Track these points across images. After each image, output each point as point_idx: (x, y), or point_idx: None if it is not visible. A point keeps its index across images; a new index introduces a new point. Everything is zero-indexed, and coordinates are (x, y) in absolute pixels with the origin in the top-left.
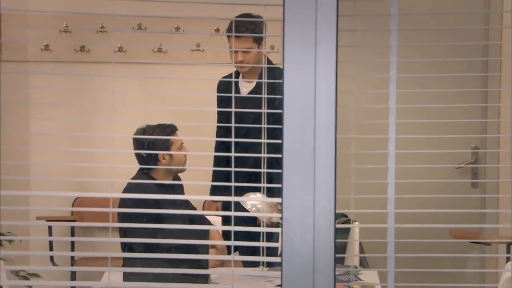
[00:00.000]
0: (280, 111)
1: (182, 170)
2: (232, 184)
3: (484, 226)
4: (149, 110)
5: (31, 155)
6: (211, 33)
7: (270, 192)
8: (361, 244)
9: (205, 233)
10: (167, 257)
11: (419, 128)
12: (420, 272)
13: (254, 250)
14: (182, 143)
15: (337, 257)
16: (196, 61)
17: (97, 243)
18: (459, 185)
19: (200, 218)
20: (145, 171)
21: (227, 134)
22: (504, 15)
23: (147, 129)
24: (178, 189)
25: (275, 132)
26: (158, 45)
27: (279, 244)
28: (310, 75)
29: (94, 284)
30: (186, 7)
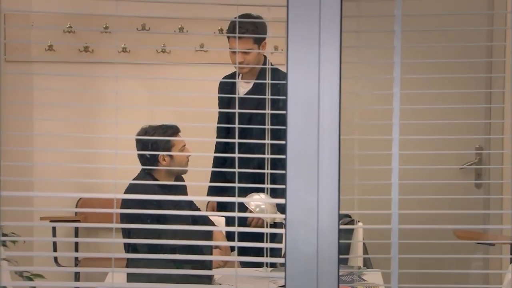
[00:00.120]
0: (279, 112)
1: (184, 172)
2: (236, 185)
3: (487, 227)
4: (153, 111)
5: (35, 155)
6: (215, 34)
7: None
8: (365, 245)
9: (209, 234)
10: (171, 258)
11: (423, 129)
12: (424, 272)
13: (257, 251)
14: (184, 145)
15: (341, 258)
16: (200, 62)
17: (101, 244)
18: (463, 186)
19: (204, 219)
20: (147, 172)
21: (224, 134)
22: (508, 16)
23: (149, 130)
24: (181, 190)
25: (273, 133)
26: (162, 46)
27: (283, 245)
28: (314, 76)
29: (98, 285)
30: (190, 8)
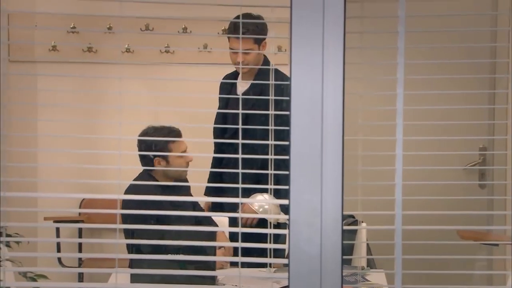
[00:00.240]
0: (278, 112)
1: (181, 176)
2: (239, 186)
3: (491, 228)
4: (156, 111)
5: (39, 156)
6: (218, 34)
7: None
8: (369, 245)
9: (213, 235)
10: (174, 259)
11: (426, 130)
12: (428, 273)
13: (260, 251)
14: (184, 151)
15: (344, 258)
16: (203, 62)
17: (105, 244)
18: (467, 186)
19: (207, 220)
20: (148, 172)
21: (221, 133)
22: None
23: (149, 131)
24: (184, 191)
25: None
26: (165, 46)
27: (286, 246)
28: (318, 77)
29: (102, 286)
30: (193, 8)
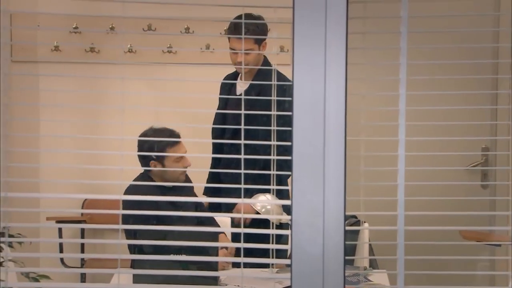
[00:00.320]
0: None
1: (178, 180)
2: (242, 186)
3: (494, 228)
4: (158, 111)
5: (41, 156)
6: (221, 34)
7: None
8: (371, 245)
9: (215, 235)
10: (176, 259)
11: (428, 130)
12: (430, 273)
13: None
14: (182, 157)
15: (347, 259)
16: (206, 62)
17: (107, 244)
18: (469, 186)
19: (209, 220)
20: (147, 173)
21: (219, 133)
22: None
23: (148, 132)
24: (187, 192)
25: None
26: (168, 46)
27: (289, 246)
28: (320, 78)
29: (104, 286)
30: (196, 8)
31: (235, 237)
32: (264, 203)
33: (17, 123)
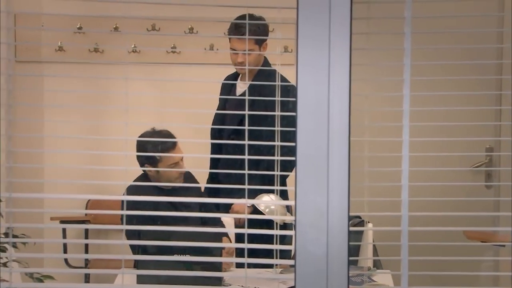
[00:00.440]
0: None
1: (178, 180)
2: (246, 187)
3: (498, 229)
4: (162, 111)
5: (45, 156)
6: (225, 34)
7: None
8: (375, 245)
9: (219, 236)
10: (179, 260)
11: (432, 130)
12: (434, 274)
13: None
14: (177, 162)
15: (351, 259)
16: (210, 62)
17: (111, 244)
18: (473, 186)
19: (215, 221)
20: (146, 174)
21: (217, 134)
22: None
23: (146, 135)
24: (190, 192)
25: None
26: (172, 46)
27: (293, 247)
28: (324, 78)
29: (108, 286)
30: (200, 9)
31: (238, 237)
32: (268, 204)
33: (21, 123)
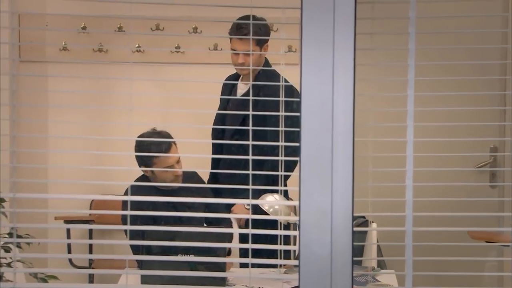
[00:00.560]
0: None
1: (171, 186)
2: (250, 187)
3: (503, 230)
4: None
5: (49, 156)
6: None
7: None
8: (379, 245)
9: (224, 236)
10: (183, 260)
11: (436, 130)
12: (438, 274)
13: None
14: (172, 165)
15: (355, 259)
16: (213, 62)
17: (115, 244)
18: (477, 186)
19: (225, 221)
20: (145, 175)
21: (219, 134)
22: None
23: (144, 135)
24: (194, 192)
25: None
26: (176, 46)
27: (297, 247)
28: (328, 78)
29: (112, 286)
30: (204, 9)
31: (241, 238)
32: (272, 203)
33: (25, 124)
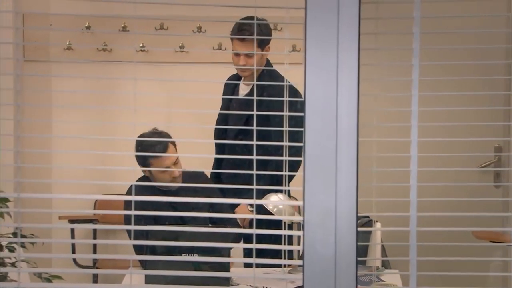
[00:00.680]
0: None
1: (169, 187)
2: (254, 187)
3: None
4: (169, 110)
5: (53, 156)
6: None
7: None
8: (383, 245)
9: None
10: (187, 260)
11: (440, 130)
12: (442, 274)
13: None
14: (169, 166)
15: (359, 259)
16: (218, 61)
17: (119, 244)
18: (482, 185)
19: (231, 222)
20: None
21: (222, 134)
22: None
23: (144, 135)
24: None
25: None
26: (180, 46)
27: (301, 247)
28: (332, 79)
29: (117, 286)
30: (208, 8)
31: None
32: (276, 203)
33: (29, 123)
